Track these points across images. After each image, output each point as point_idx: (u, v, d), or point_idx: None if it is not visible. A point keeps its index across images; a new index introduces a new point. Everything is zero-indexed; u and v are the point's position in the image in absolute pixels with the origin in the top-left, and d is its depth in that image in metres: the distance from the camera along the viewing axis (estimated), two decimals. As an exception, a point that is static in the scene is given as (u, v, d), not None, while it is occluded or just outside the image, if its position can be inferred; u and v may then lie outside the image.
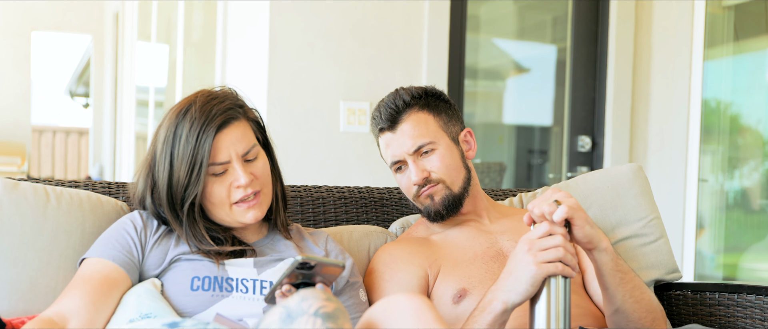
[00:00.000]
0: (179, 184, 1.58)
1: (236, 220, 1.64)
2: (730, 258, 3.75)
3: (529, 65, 4.22)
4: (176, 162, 1.58)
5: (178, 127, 1.59)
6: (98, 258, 1.58)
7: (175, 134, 1.59)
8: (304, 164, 3.24)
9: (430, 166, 1.82)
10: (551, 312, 1.47)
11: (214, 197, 1.61)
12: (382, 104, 1.85)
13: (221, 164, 1.59)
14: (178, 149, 1.58)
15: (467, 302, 1.74)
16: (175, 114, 1.61)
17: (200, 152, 1.56)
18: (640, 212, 2.10)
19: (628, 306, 1.65)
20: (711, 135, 3.65)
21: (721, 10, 3.67)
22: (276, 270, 1.64)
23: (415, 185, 1.83)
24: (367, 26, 3.33)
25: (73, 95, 10.06)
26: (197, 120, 1.57)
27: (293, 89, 3.24)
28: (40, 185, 1.77)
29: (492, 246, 1.85)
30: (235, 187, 1.61)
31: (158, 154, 1.61)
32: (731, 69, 3.72)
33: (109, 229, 1.66)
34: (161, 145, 1.61)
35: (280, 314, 1.21)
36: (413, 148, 1.82)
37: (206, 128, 1.57)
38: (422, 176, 1.81)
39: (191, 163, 1.56)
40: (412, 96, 1.85)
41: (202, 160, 1.56)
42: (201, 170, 1.56)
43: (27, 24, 7.94)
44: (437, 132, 1.84)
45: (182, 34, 5.06)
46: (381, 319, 1.31)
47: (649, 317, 1.68)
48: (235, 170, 1.60)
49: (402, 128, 1.83)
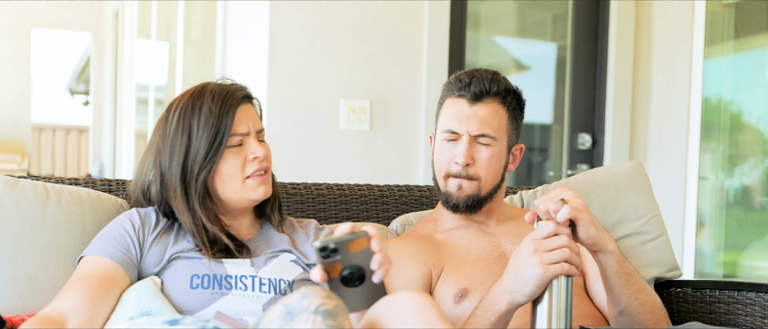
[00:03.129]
0: (197, 155, 1.61)
1: (246, 196, 1.65)
2: (730, 256, 3.75)
3: (529, 63, 4.22)
4: (197, 133, 1.61)
5: (196, 102, 1.63)
6: (96, 255, 1.58)
7: (193, 108, 1.62)
8: (304, 161, 3.24)
9: (479, 156, 1.80)
10: (553, 311, 1.47)
11: (230, 169, 1.63)
12: (476, 75, 1.81)
13: (240, 135, 1.63)
14: (199, 120, 1.61)
15: (468, 302, 1.74)
16: (189, 95, 1.65)
17: (224, 122, 1.61)
18: (641, 209, 2.09)
19: (633, 308, 1.64)
20: (711, 133, 3.65)
21: (722, 7, 3.67)
22: (273, 266, 1.64)
23: (456, 164, 1.80)
24: (367, 24, 3.33)
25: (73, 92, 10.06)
26: (218, 94, 1.63)
27: (293, 86, 3.24)
28: (39, 182, 1.76)
29: (495, 249, 1.85)
30: (250, 160, 1.64)
31: (171, 131, 1.63)
32: (732, 67, 3.72)
33: (106, 227, 1.66)
34: (176, 122, 1.63)
35: (280, 311, 1.21)
36: (478, 132, 1.79)
37: (229, 100, 1.63)
38: (467, 160, 1.79)
39: (214, 132, 1.60)
40: (505, 88, 1.82)
41: (226, 129, 1.61)
42: (223, 139, 1.61)
43: (27, 22, 7.93)
44: (502, 133, 1.82)
45: (182, 32, 5.05)
46: (384, 316, 1.31)
47: (653, 319, 1.68)
48: (251, 143, 1.65)
49: (480, 108, 1.80)
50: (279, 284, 1.62)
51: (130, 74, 6.67)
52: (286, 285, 1.62)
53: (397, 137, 3.36)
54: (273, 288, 1.60)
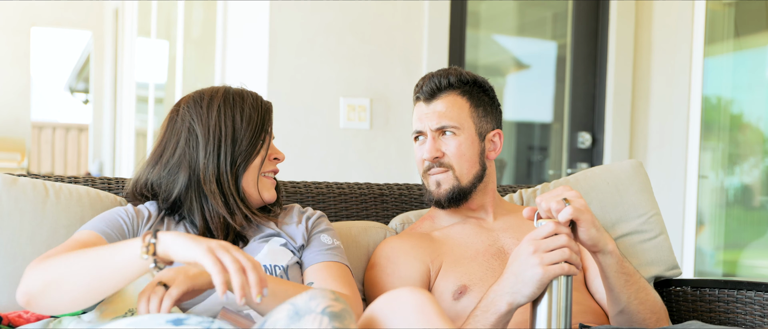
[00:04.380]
0: (242, 146, 1.67)
1: (260, 192, 1.71)
2: (729, 255, 3.75)
3: (529, 62, 4.22)
4: (241, 125, 1.68)
5: (236, 98, 1.70)
6: (91, 230, 1.59)
7: (234, 103, 1.69)
8: (304, 160, 3.24)
9: (446, 148, 1.84)
10: (553, 310, 1.47)
11: (256, 162, 1.70)
12: (429, 76, 1.88)
13: (269, 133, 1.74)
14: (243, 116, 1.69)
15: (467, 299, 1.74)
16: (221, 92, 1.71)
17: (266, 119, 1.72)
18: (641, 208, 2.09)
19: (632, 307, 1.65)
20: (711, 132, 3.65)
21: (722, 6, 3.67)
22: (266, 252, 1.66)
23: (425, 161, 1.85)
24: (367, 23, 3.33)
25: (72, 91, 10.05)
26: (252, 97, 1.73)
27: (293, 85, 3.24)
28: (39, 180, 1.77)
29: (493, 244, 1.85)
30: (271, 159, 1.74)
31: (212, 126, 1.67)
32: (732, 66, 3.72)
33: (102, 213, 1.67)
34: (216, 117, 1.67)
35: (287, 311, 1.22)
36: (437, 125, 1.84)
37: (264, 103, 1.74)
38: (434, 154, 1.84)
39: (258, 126, 1.70)
40: (458, 79, 1.87)
41: (266, 126, 1.72)
42: (265, 134, 1.71)
43: (27, 20, 7.93)
44: (466, 121, 1.86)
45: (182, 31, 5.05)
46: (384, 313, 1.31)
47: (653, 318, 1.69)
48: (274, 145, 1.77)
49: (435, 104, 1.86)
50: (275, 270, 1.63)
51: (130, 73, 6.67)
52: (281, 270, 1.64)
53: (397, 135, 3.36)
54: (270, 274, 1.61)
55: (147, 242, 1.33)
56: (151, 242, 1.33)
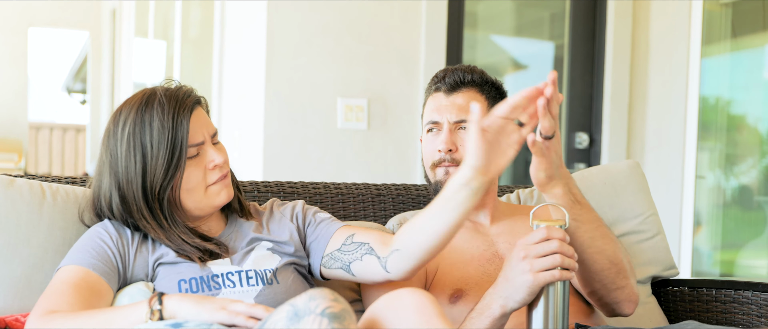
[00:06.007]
0: (157, 173, 1.55)
1: (211, 203, 1.62)
2: (727, 255, 3.76)
3: (526, 62, 4.22)
4: (151, 151, 1.54)
5: (145, 116, 1.55)
6: (78, 265, 1.53)
7: (142, 123, 1.55)
8: (301, 160, 3.24)
9: (462, 142, 1.83)
10: (549, 316, 1.46)
11: (191, 182, 1.58)
12: (451, 70, 1.86)
13: (196, 145, 1.58)
14: (151, 136, 1.54)
15: (462, 303, 1.74)
16: (136, 107, 1.57)
17: (179, 135, 1.54)
18: (638, 208, 2.10)
19: (587, 256, 1.59)
20: (708, 132, 3.65)
21: (719, 6, 3.67)
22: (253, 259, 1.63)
23: (439, 151, 1.83)
24: (365, 23, 3.33)
25: (70, 91, 10.05)
26: (167, 105, 1.55)
27: (291, 85, 3.24)
28: (36, 181, 1.76)
29: (489, 249, 1.84)
30: (210, 169, 1.60)
31: (122, 150, 1.56)
32: (729, 66, 3.72)
33: (82, 238, 1.60)
34: (126, 139, 1.55)
35: (287, 312, 1.22)
36: (457, 118, 1.82)
37: (180, 111, 1.55)
38: (449, 146, 1.81)
39: (171, 147, 1.54)
40: (481, 78, 1.86)
41: (182, 143, 1.54)
42: (182, 153, 1.55)
43: (24, 20, 7.92)
44: None
45: (179, 31, 5.05)
46: (384, 314, 1.31)
47: (613, 269, 1.63)
48: (209, 151, 1.60)
49: (457, 97, 1.84)
50: (265, 274, 1.61)
51: (127, 73, 6.67)
52: (271, 274, 1.61)
53: (394, 136, 3.36)
54: (260, 280, 1.60)
55: (152, 309, 1.35)
56: (156, 309, 1.35)
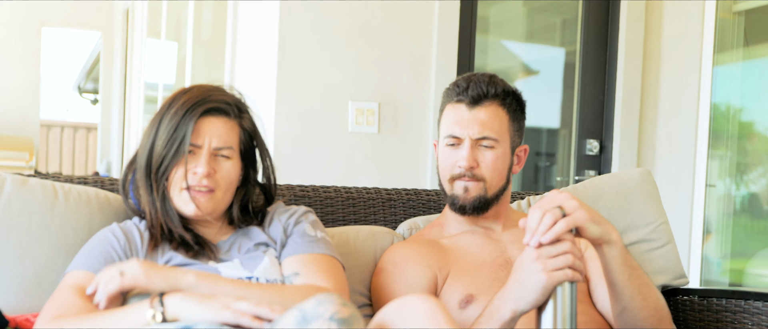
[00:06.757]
0: (157, 154, 1.62)
1: (178, 206, 1.64)
2: (736, 264, 3.74)
3: (538, 68, 4.22)
4: (161, 133, 1.62)
5: (171, 105, 1.64)
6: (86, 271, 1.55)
7: (168, 107, 1.64)
8: (311, 163, 3.24)
9: (482, 159, 1.81)
10: (558, 317, 1.46)
11: (175, 177, 1.63)
12: (474, 79, 1.82)
13: (194, 145, 1.62)
14: (165, 123, 1.62)
15: (473, 308, 1.73)
16: (174, 95, 1.67)
17: (181, 129, 1.61)
18: (649, 217, 2.09)
19: (635, 304, 1.62)
20: (719, 140, 3.64)
21: (732, 15, 3.66)
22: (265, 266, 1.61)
23: (459, 167, 1.81)
24: (377, 26, 3.33)
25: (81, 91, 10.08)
26: (189, 101, 1.63)
27: (302, 88, 3.24)
28: (48, 181, 1.77)
29: (501, 255, 1.84)
30: (192, 172, 1.62)
31: (148, 124, 1.66)
32: (741, 74, 3.71)
33: (90, 243, 1.63)
34: (153, 117, 1.66)
35: (295, 317, 1.22)
36: (479, 135, 1.80)
37: (194, 109, 1.61)
38: (471, 164, 1.80)
39: (172, 137, 1.60)
40: (503, 90, 1.83)
41: (184, 137, 1.60)
42: (181, 145, 1.60)
43: (37, 20, 7.95)
44: (504, 134, 1.83)
45: (192, 32, 5.06)
46: (393, 320, 1.31)
47: (656, 316, 1.66)
48: (200, 157, 1.62)
49: (479, 112, 1.81)
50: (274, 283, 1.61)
51: (139, 73, 6.68)
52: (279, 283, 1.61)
53: (405, 139, 3.36)
54: None
55: (154, 310, 1.37)
56: (158, 310, 1.37)
